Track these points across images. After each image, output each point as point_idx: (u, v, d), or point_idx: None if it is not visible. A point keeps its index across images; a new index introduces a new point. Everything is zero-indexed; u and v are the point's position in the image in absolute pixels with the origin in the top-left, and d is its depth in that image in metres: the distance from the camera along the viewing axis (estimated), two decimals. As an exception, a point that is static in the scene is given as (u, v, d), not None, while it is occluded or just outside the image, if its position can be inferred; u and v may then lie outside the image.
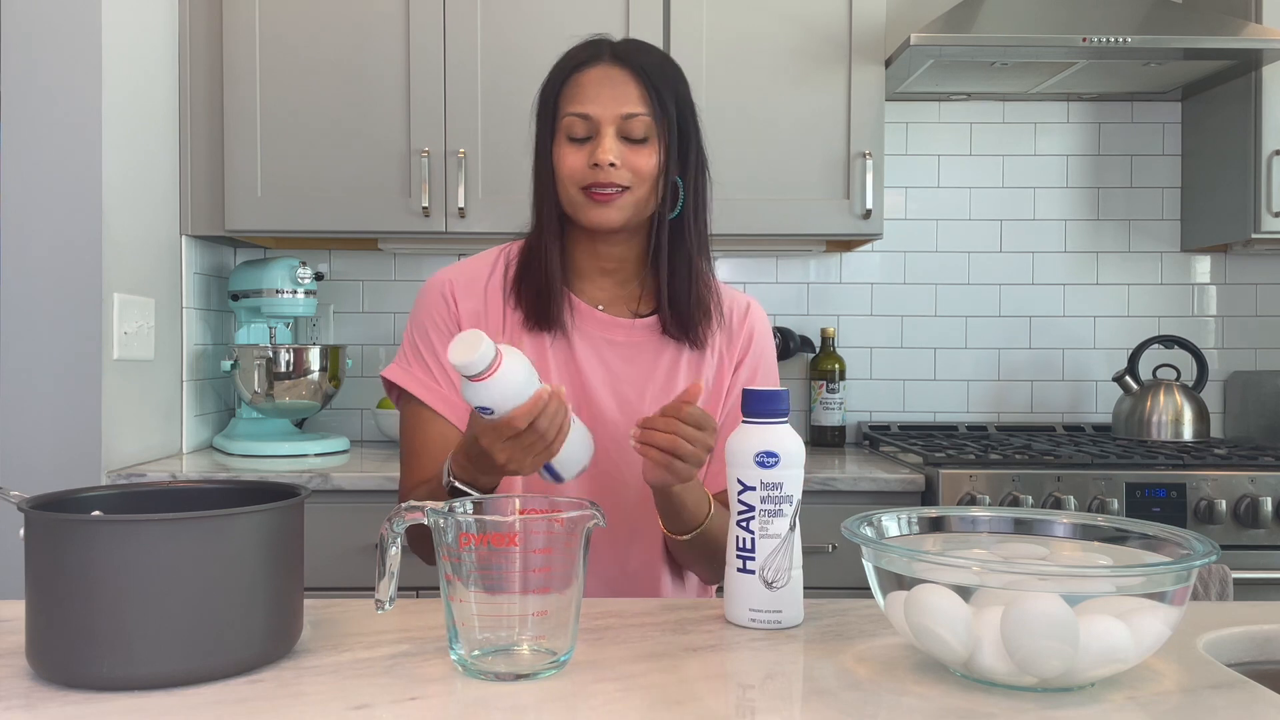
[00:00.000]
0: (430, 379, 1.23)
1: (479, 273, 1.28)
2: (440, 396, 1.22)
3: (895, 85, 2.47)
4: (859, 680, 0.79)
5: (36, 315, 1.97)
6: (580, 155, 1.18)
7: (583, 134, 1.18)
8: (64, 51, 1.98)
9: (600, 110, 1.17)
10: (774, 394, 0.95)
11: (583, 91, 1.19)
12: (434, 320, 1.25)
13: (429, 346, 1.24)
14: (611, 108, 1.18)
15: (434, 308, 1.25)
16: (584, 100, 1.18)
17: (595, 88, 1.18)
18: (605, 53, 1.21)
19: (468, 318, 1.25)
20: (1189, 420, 2.42)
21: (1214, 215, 2.54)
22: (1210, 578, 1.86)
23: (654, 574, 1.29)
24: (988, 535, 0.92)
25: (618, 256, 1.26)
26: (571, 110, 1.18)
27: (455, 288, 1.26)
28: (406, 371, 1.25)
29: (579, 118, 1.18)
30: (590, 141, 1.18)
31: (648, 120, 1.19)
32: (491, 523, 0.82)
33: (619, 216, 1.19)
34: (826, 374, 2.57)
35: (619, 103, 1.18)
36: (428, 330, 1.25)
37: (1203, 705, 0.74)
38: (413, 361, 1.25)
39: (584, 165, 1.17)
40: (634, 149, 1.18)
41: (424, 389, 1.23)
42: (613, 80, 1.19)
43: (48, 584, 0.76)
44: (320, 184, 2.28)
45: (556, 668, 0.81)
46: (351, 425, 2.66)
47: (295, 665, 0.82)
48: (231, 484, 0.93)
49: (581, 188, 1.18)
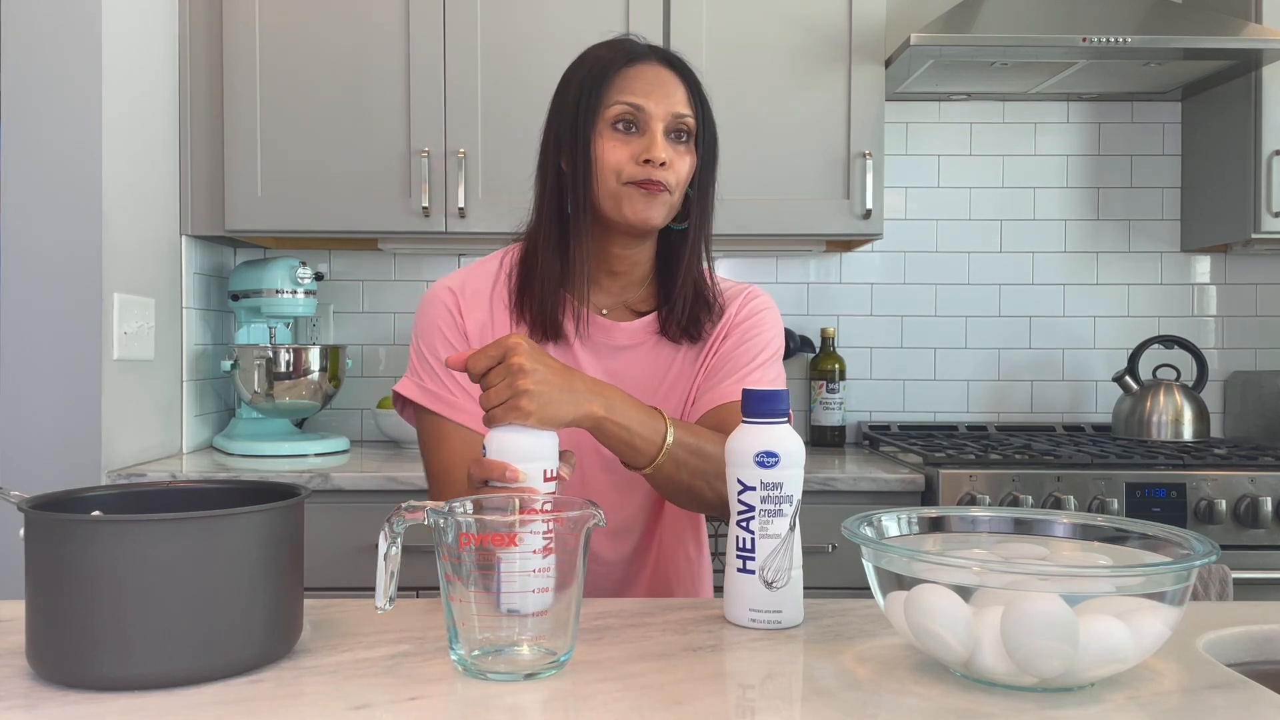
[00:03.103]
0: (444, 389, 1.19)
1: (482, 283, 1.25)
2: (456, 406, 1.19)
3: (895, 85, 2.47)
4: (859, 680, 0.79)
5: (36, 315, 1.97)
6: (627, 148, 1.16)
7: (630, 126, 1.16)
8: (64, 52, 1.98)
9: (654, 106, 1.16)
10: (774, 394, 0.95)
11: (634, 84, 1.16)
12: (440, 330, 1.22)
13: (437, 357, 1.21)
14: (665, 105, 1.16)
15: (439, 318, 1.22)
16: (637, 92, 1.16)
17: (648, 83, 1.17)
18: (651, 53, 1.20)
19: (474, 330, 1.22)
20: (1189, 420, 2.42)
21: (1214, 215, 2.54)
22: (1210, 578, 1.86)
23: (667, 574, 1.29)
24: (988, 535, 0.92)
25: (629, 259, 1.23)
26: (623, 99, 1.16)
27: (460, 299, 1.23)
28: (419, 385, 1.21)
29: (631, 108, 1.16)
30: (636, 136, 1.16)
31: (693, 124, 1.18)
32: (491, 523, 0.82)
33: (660, 215, 1.17)
34: (826, 374, 2.57)
35: (671, 101, 1.17)
36: (434, 340, 1.21)
37: (1203, 705, 0.74)
38: (423, 374, 1.21)
39: (631, 158, 1.15)
40: (677, 150, 1.17)
41: (439, 401, 1.19)
42: (663, 80, 1.18)
43: (48, 584, 0.76)
44: (320, 184, 2.28)
45: (556, 668, 0.81)
46: (351, 425, 2.66)
47: (295, 665, 0.82)
48: (231, 484, 0.93)
49: (627, 181, 1.15)
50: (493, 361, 0.97)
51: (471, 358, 0.98)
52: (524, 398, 0.95)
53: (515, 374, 0.95)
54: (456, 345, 1.21)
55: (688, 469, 1.08)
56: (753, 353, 1.24)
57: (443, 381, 1.20)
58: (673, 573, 1.30)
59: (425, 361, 1.22)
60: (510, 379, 0.95)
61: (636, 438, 1.04)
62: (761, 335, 1.26)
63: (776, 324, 1.29)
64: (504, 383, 0.95)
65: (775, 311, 1.30)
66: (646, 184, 1.15)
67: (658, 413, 1.07)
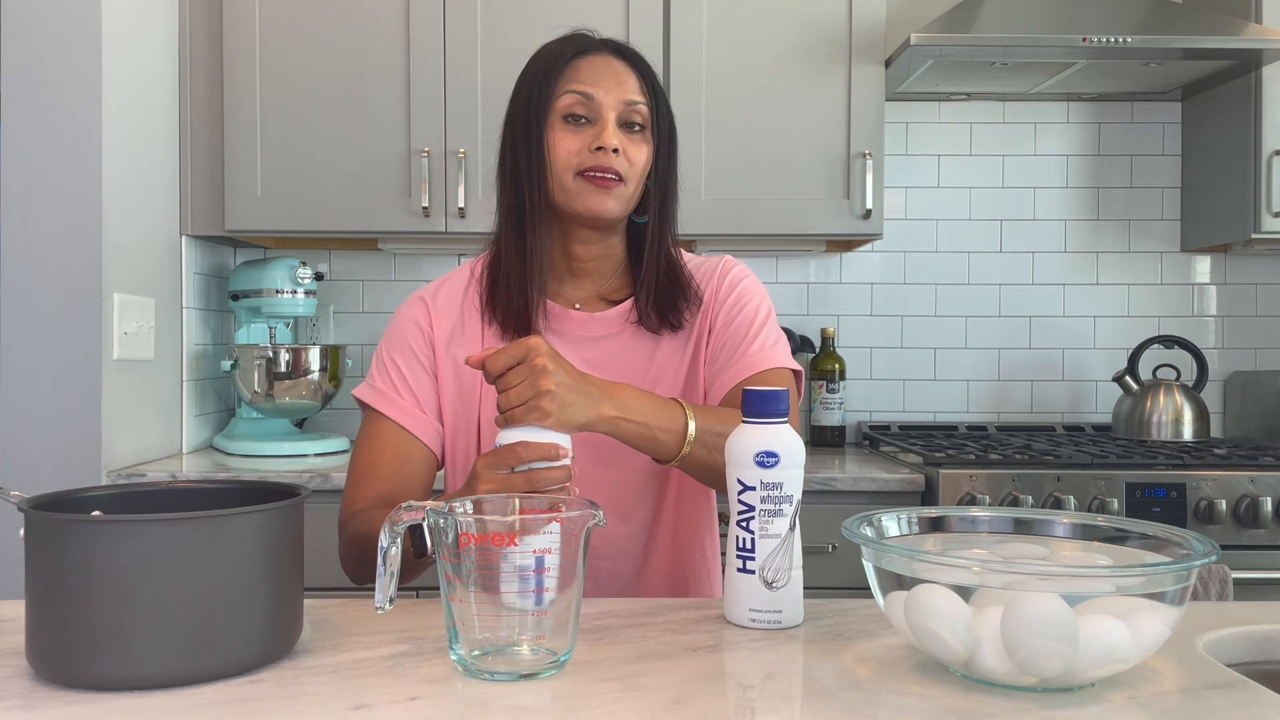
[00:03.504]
0: (395, 393, 1.21)
1: (454, 291, 1.26)
2: (400, 407, 1.20)
3: (895, 85, 2.47)
4: (859, 680, 0.79)
5: (36, 315, 1.97)
6: (579, 138, 1.16)
7: (581, 115, 1.16)
8: (64, 52, 1.98)
9: (604, 94, 1.16)
10: (774, 394, 0.95)
11: (584, 74, 1.17)
12: (405, 339, 1.24)
13: (394, 364, 1.23)
14: (615, 92, 1.16)
15: (406, 328, 1.24)
16: (586, 81, 1.16)
17: (597, 72, 1.17)
18: (602, 45, 1.20)
19: (443, 337, 1.23)
20: (1189, 420, 2.42)
21: (1214, 215, 2.54)
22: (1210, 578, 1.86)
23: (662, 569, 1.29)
24: (988, 535, 0.92)
25: (594, 252, 1.23)
26: (573, 89, 1.16)
27: (430, 308, 1.24)
28: (370, 386, 1.24)
29: (581, 97, 1.16)
30: (587, 126, 1.16)
31: (646, 111, 1.18)
32: (491, 523, 0.82)
33: (617, 206, 1.17)
34: (826, 374, 2.57)
35: (622, 89, 1.17)
36: (396, 348, 1.24)
37: (1203, 705, 0.74)
38: (377, 377, 1.24)
39: (582, 148, 1.15)
40: (632, 139, 1.17)
41: (382, 398, 1.21)
42: (614, 68, 1.18)
43: (48, 584, 0.76)
44: (320, 184, 2.28)
45: (556, 668, 0.81)
46: (351, 425, 2.66)
47: (295, 665, 0.82)
48: (231, 484, 0.93)
49: (579, 172, 1.15)
50: (513, 361, 0.97)
51: (490, 357, 0.98)
52: (545, 399, 0.96)
53: (538, 374, 0.96)
54: (419, 354, 1.23)
55: (719, 450, 1.07)
56: (747, 323, 1.23)
57: (395, 385, 1.22)
58: (688, 570, 1.30)
59: (383, 365, 1.24)
60: (532, 379, 0.96)
61: (658, 430, 1.05)
62: (749, 304, 1.25)
63: (758, 288, 1.28)
64: (525, 383, 0.96)
65: (753, 277, 1.29)
66: (599, 177, 1.15)
67: (675, 403, 1.08)
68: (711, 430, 1.08)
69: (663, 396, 1.08)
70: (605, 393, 1.02)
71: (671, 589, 1.29)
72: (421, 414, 1.21)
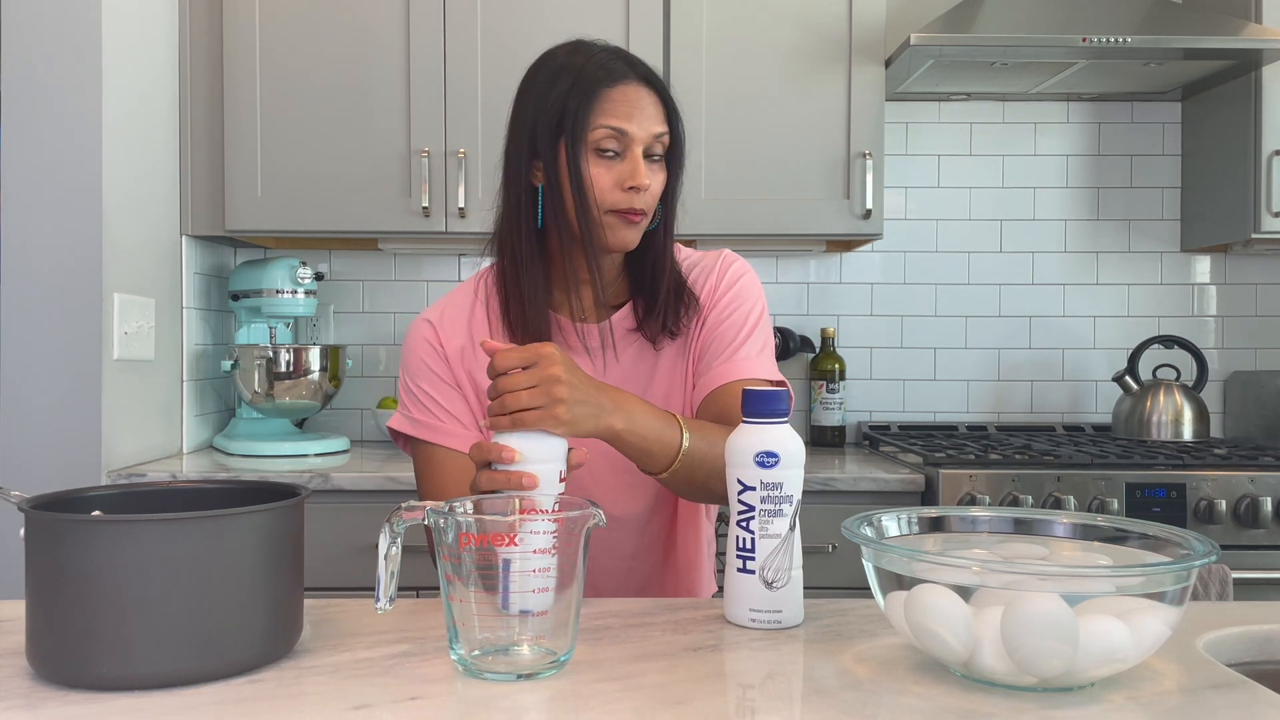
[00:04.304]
0: (433, 419, 1.22)
1: (460, 309, 1.26)
2: (446, 433, 1.21)
3: (895, 85, 2.47)
4: (859, 680, 0.79)
5: (36, 315, 1.97)
6: (610, 174, 1.15)
7: (610, 150, 1.15)
8: (64, 52, 1.98)
9: (635, 129, 1.15)
10: (774, 394, 0.95)
11: (618, 107, 1.15)
12: (423, 362, 1.24)
13: (422, 390, 1.23)
14: (645, 126, 1.16)
15: (421, 350, 1.24)
16: (620, 116, 1.15)
17: (630, 105, 1.15)
18: (630, 71, 1.18)
19: (454, 355, 1.24)
20: (1189, 420, 2.42)
21: (1214, 215, 2.54)
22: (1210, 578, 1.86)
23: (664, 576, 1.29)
24: (988, 535, 0.92)
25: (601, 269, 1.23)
26: (608, 124, 1.14)
27: (438, 330, 1.25)
28: (408, 418, 1.23)
29: (615, 133, 1.15)
30: (617, 160, 1.16)
31: (667, 141, 1.19)
32: (491, 523, 0.82)
33: (638, 238, 1.19)
34: (826, 374, 2.57)
35: (651, 122, 1.16)
36: (418, 374, 1.24)
37: (1203, 705, 0.74)
38: (411, 407, 1.24)
39: (614, 186, 1.15)
40: (652, 167, 1.18)
41: (428, 430, 1.22)
42: (644, 100, 1.17)
43: (48, 584, 0.76)
44: (320, 184, 2.28)
45: (556, 668, 0.81)
46: (351, 425, 2.66)
47: (295, 665, 0.82)
48: (231, 484, 0.93)
49: (609, 210, 1.15)
50: (521, 363, 0.98)
51: (501, 353, 0.99)
52: (560, 407, 0.97)
53: (553, 383, 0.97)
54: (441, 374, 1.23)
55: (703, 469, 1.09)
56: (738, 326, 1.24)
57: (430, 411, 1.22)
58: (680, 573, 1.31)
59: (412, 395, 1.24)
60: (547, 387, 0.97)
61: (654, 445, 1.06)
62: (743, 306, 1.25)
63: (755, 287, 1.28)
64: (540, 389, 0.97)
65: (752, 274, 1.29)
66: (629, 214, 1.16)
67: (674, 419, 1.09)
68: (700, 449, 1.09)
69: (662, 410, 1.09)
70: (616, 404, 1.03)
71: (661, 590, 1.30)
72: (463, 431, 1.22)
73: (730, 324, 1.24)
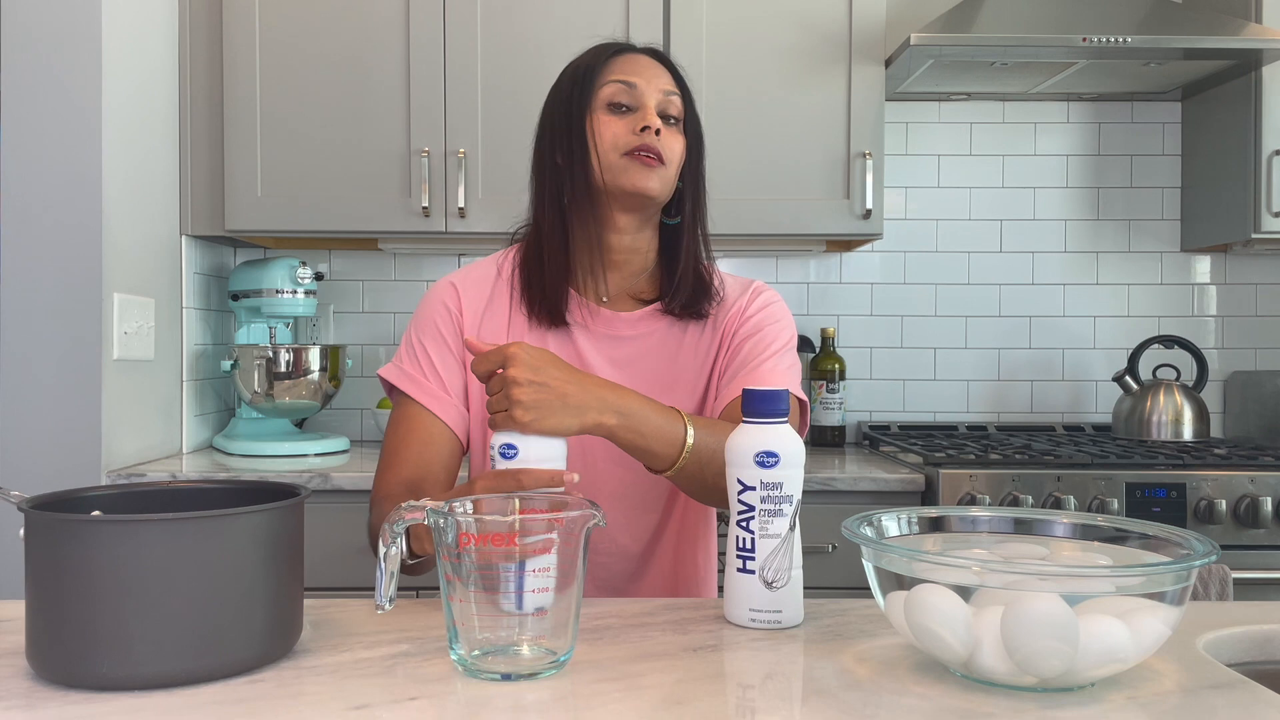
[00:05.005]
0: (422, 376, 1.23)
1: (485, 274, 1.29)
2: (430, 392, 1.22)
3: (895, 85, 2.47)
4: (859, 680, 0.79)
5: (36, 315, 1.97)
6: (624, 123, 1.20)
7: (624, 104, 1.20)
8: (64, 51, 1.98)
9: (645, 83, 1.21)
10: (774, 394, 0.95)
11: (625, 66, 1.22)
12: (433, 323, 1.25)
13: (422, 347, 1.24)
14: (655, 83, 1.22)
15: (435, 312, 1.26)
16: (629, 72, 1.21)
17: (637, 65, 1.22)
18: (637, 47, 1.25)
19: (471, 318, 1.25)
20: (1189, 420, 2.42)
21: (1214, 215, 2.54)
22: (1210, 578, 1.86)
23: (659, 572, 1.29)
24: (988, 535, 0.92)
25: (627, 248, 1.25)
26: (615, 78, 1.21)
27: (460, 293, 1.26)
28: (398, 368, 1.25)
29: (624, 85, 1.20)
30: (629, 113, 1.20)
31: (680, 105, 1.23)
32: (491, 523, 0.82)
33: (660, 186, 1.20)
34: (826, 374, 2.57)
35: (660, 81, 1.22)
36: (424, 331, 1.25)
37: (1203, 705, 0.74)
38: (405, 359, 1.25)
39: (628, 130, 1.19)
40: (669, 130, 1.22)
41: (412, 383, 1.23)
42: (651, 64, 1.24)
43: (48, 584, 0.76)
44: (320, 184, 2.28)
45: (556, 668, 0.81)
46: (351, 425, 2.66)
47: (295, 665, 0.82)
48: (231, 484, 0.93)
49: (625, 152, 1.19)
50: (493, 366, 1.01)
51: (475, 360, 1.02)
52: (517, 409, 0.98)
53: (510, 385, 0.99)
54: (447, 337, 1.25)
55: (712, 468, 1.08)
56: (766, 343, 1.25)
57: (422, 368, 1.23)
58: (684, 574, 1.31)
59: (411, 348, 1.26)
60: (506, 389, 0.99)
61: (654, 442, 1.05)
62: (773, 327, 1.27)
63: (786, 316, 1.31)
64: (501, 393, 1.00)
65: (784, 305, 1.32)
66: (644, 155, 1.18)
67: (676, 414, 1.08)
68: (707, 445, 1.08)
69: (665, 406, 1.08)
70: (606, 401, 1.03)
71: (666, 591, 1.30)
72: (445, 396, 1.22)
73: (759, 339, 1.25)
